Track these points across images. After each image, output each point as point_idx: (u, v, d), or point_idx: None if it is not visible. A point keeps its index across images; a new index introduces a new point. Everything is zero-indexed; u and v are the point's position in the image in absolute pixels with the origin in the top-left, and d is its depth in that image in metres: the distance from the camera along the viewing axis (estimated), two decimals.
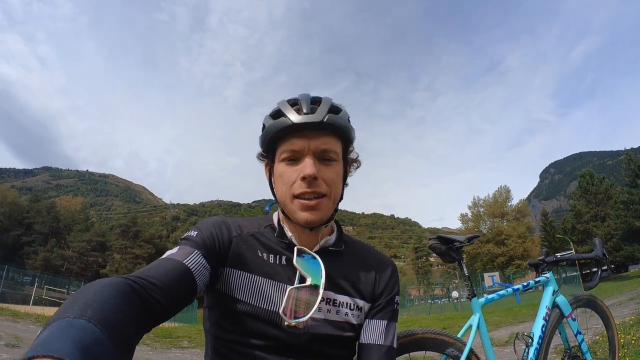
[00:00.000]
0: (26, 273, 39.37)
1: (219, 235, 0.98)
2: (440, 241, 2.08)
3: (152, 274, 0.75)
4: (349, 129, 1.01)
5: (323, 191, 0.95)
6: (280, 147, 0.98)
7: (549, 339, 2.15)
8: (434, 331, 1.77)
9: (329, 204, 0.98)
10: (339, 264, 1.05)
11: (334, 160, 0.99)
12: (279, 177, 0.98)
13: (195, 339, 9.31)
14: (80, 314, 0.52)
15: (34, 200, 72.71)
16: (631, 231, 36.90)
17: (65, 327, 0.49)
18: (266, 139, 0.99)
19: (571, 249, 40.15)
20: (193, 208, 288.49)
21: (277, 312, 0.93)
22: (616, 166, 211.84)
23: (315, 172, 0.92)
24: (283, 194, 0.98)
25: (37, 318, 10.77)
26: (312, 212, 0.95)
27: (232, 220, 1.07)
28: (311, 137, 0.95)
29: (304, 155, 0.95)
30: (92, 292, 0.59)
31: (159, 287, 0.73)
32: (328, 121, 0.94)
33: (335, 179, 0.98)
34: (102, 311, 0.54)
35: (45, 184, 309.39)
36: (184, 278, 0.81)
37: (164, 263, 0.82)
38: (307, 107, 0.95)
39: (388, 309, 1.07)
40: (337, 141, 0.99)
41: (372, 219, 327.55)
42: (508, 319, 11.20)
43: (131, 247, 65.88)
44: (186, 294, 0.81)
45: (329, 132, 0.97)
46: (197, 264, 0.86)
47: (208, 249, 0.93)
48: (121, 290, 0.63)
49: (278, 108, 0.99)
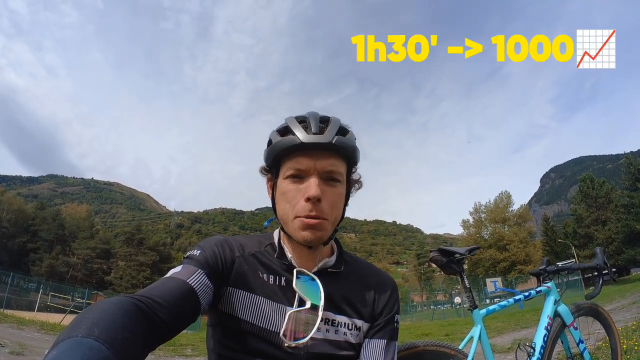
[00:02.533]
0: (31, 280, 39.52)
1: (221, 254, 0.98)
2: (441, 253, 2.10)
3: (156, 293, 0.75)
4: (355, 150, 1.01)
5: (325, 216, 0.95)
6: (286, 164, 0.97)
7: (551, 348, 2.16)
8: (436, 343, 1.78)
9: (328, 226, 0.98)
10: (338, 285, 1.05)
11: (339, 182, 0.99)
12: (282, 195, 0.98)
13: (198, 347, 9.28)
14: (88, 333, 0.53)
15: (40, 207, 72.93)
16: (632, 234, 36.78)
17: (73, 346, 0.50)
18: (272, 155, 0.99)
19: (573, 253, 40.08)
20: (197, 216, 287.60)
21: (277, 333, 0.93)
22: (616, 170, 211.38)
23: (319, 193, 0.92)
24: (285, 212, 0.98)
25: (41, 325, 10.79)
26: (312, 231, 0.94)
27: (234, 240, 1.07)
28: (318, 158, 0.95)
29: (309, 175, 0.95)
30: (99, 311, 0.60)
31: (164, 307, 0.73)
32: (337, 143, 0.94)
33: (337, 202, 0.99)
34: (109, 330, 0.55)
35: (50, 191, 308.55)
36: (188, 297, 0.82)
37: (168, 282, 0.83)
38: (316, 126, 0.95)
39: (387, 328, 1.07)
40: (342, 162, 0.99)
41: (374, 225, 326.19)
42: (510, 324, 11.17)
43: (135, 254, 65.52)
44: (190, 313, 0.82)
45: (336, 153, 0.97)
46: (200, 283, 0.87)
47: (211, 268, 0.93)
48: (127, 310, 0.64)
49: (286, 125, 0.99)
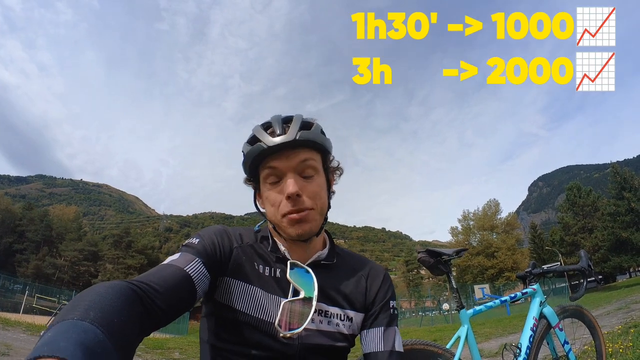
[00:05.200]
0: (17, 281, 39.00)
1: (220, 244, 1.01)
2: (429, 254, 2.12)
3: (153, 279, 0.76)
4: (323, 140, 1.04)
5: (308, 206, 0.98)
6: (262, 171, 1.01)
7: (537, 349, 2.18)
8: (423, 342, 1.79)
9: (315, 215, 1.01)
10: (331, 276, 1.07)
11: (315, 174, 1.02)
12: (266, 200, 1.03)
13: (186, 351, 9.18)
14: (84, 316, 0.53)
15: (27, 208, 71.40)
16: (618, 242, 37.15)
17: (69, 328, 0.50)
18: (246, 165, 1.04)
19: (560, 260, 40.42)
20: (186, 219, 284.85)
21: (272, 323, 0.96)
22: (603, 179, 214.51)
23: (297, 189, 0.96)
24: (273, 215, 1.01)
25: (27, 327, 10.64)
26: (300, 225, 0.98)
27: (233, 230, 1.09)
28: (288, 156, 0.98)
29: (285, 175, 0.99)
30: (95, 295, 0.60)
31: (160, 293, 0.74)
32: (300, 138, 0.98)
33: (318, 192, 1.02)
34: (104, 314, 0.56)
35: (38, 192, 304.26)
36: (185, 285, 0.83)
37: (166, 269, 0.84)
38: (279, 128, 0.99)
39: (383, 315, 1.09)
40: (314, 154, 1.03)
41: (363, 232, 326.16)
42: (498, 330, 11.22)
43: (123, 257, 64.56)
44: (186, 300, 0.83)
45: (305, 147, 1.00)
46: (197, 271, 0.88)
47: (209, 257, 0.95)
48: (124, 294, 0.64)
49: (253, 134, 1.02)
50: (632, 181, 39.08)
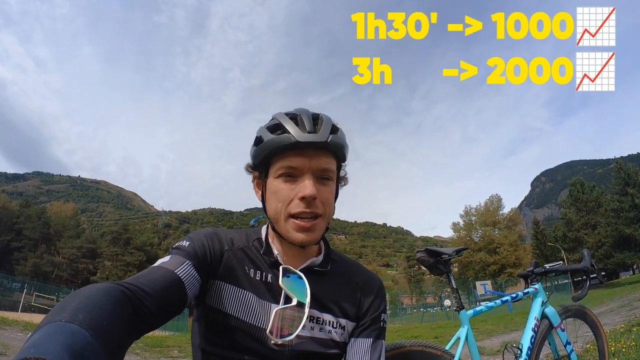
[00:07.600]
0: (15, 279, 39.14)
1: (210, 247, 0.98)
2: (429, 254, 2.09)
3: (144, 282, 0.75)
4: (346, 149, 1.01)
5: (320, 212, 0.95)
6: (277, 162, 0.95)
7: (538, 349, 2.16)
8: (422, 344, 1.76)
9: (323, 224, 0.98)
10: (324, 283, 1.05)
11: (331, 180, 0.99)
12: (274, 194, 0.96)
13: (185, 349, 9.20)
14: (72, 318, 0.52)
15: (25, 205, 71.52)
16: (621, 238, 37.23)
17: (56, 330, 0.49)
18: (263, 153, 0.96)
19: (562, 256, 40.47)
20: (185, 216, 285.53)
21: (262, 329, 0.94)
22: (606, 174, 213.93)
23: (315, 193, 0.92)
24: (277, 212, 0.96)
25: (25, 326, 10.67)
26: (307, 233, 0.94)
27: (224, 233, 1.06)
28: (312, 156, 0.93)
29: (303, 174, 0.94)
30: (84, 297, 0.59)
31: (151, 295, 0.73)
32: (332, 142, 0.93)
33: (330, 199, 0.99)
34: (93, 316, 0.55)
35: (36, 189, 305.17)
36: (175, 287, 0.81)
37: (156, 271, 0.82)
38: (309, 124, 0.94)
39: (373, 327, 1.06)
40: (334, 160, 0.99)
41: (364, 227, 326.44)
42: (500, 327, 11.20)
43: (122, 254, 64.88)
44: (176, 303, 0.81)
45: (329, 151, 0.96)
46: (188, 274, 0.86)
47: (199, 260, 0.92)
48: (113, 296, 0.63)
49: (278, 122, 0.96)
50: (636, 177, 39.10)
